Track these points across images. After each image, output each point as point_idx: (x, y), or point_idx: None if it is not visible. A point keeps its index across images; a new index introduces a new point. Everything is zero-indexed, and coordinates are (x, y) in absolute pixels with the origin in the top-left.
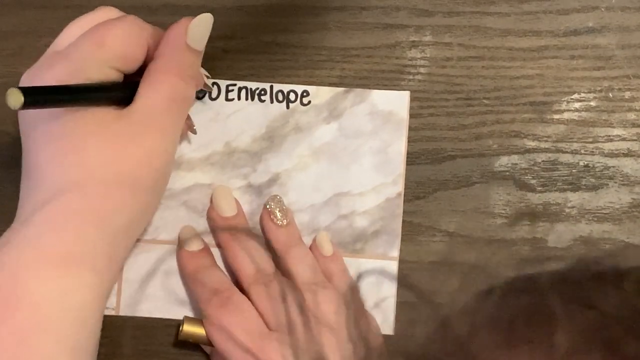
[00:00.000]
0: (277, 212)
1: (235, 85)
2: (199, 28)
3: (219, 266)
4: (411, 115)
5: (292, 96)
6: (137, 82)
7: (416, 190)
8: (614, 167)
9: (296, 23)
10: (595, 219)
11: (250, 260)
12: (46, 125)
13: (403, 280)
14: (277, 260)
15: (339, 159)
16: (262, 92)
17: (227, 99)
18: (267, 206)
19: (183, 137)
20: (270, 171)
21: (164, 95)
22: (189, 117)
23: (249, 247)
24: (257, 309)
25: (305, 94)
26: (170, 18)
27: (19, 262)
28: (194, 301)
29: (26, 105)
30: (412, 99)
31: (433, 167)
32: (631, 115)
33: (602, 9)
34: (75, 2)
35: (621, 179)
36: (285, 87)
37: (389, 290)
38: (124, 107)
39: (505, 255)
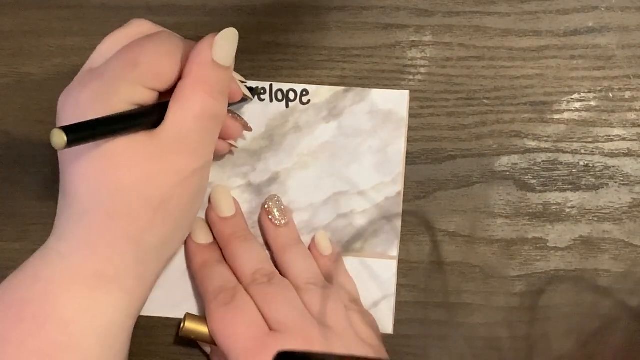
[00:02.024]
0: (275, 212)
1: None
2: (223, 43)
3: (225, 262)
4: (411, 115)
5: (291, 95)
6: (169, 102)
7: (416, 190)
8: (614, 167)
9: (296, 23)
10: (596, 218)
11: (249, 260)
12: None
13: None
14: (275, 260)
15: (338, 158)
16: (262, 91)
17: None
18: (266, 206)
19: (222, 151)
20: (269, 170)
21: (193, 114)
22: (241, 117)
23: (248, 246)
24: (259, 308)
25: (304, 93)
26: (170, 18)
27: (52, 277)
28: (198, 294)
29: (69, 144)
30: (412, 99)
31: (433, 167)
32: (631, 115)
33: (603, 9)
34: (75, 2)
35: (621, 178)
36: (285, 86)
37: (388, 290)
38: (155, 127)
39: (505, 256)
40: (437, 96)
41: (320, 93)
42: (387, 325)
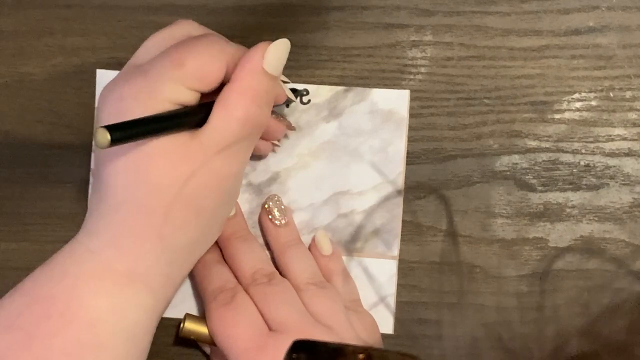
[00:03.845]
0: (275, 211)
1: None
2: (276, 53)
3: (224, 262)
4: (412, 115)
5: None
6: (212, 103)
7: (417, 190)
8: (614, 166)
9: (297, 23)
10: (596, 218)
11: (249, 260)
12: None
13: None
14: (276, 260)
15: (338, 158)
16: (304, 92)
17: None
18: (266, 206)
19: (265, 151)
20: (270, 170)
21: (237, 120)
22: (284, 118)
23: (248, 247)
24: (258, 309)
25: (305, 92)
26: (170, 18)
27: (79, 273)
28: (197, 294)
29: (113, 142)
30: (413, 99)
31: (434, 167)
32: (632, 115)
33: (603, 9)
34: (76, 2)
35: (622, 178)
36: (285, 86)
37: (389, 289)
38: (197, 128)
39: (506, 255)
40: (438, 96)
41: (320, 93)
42: (387, 325)
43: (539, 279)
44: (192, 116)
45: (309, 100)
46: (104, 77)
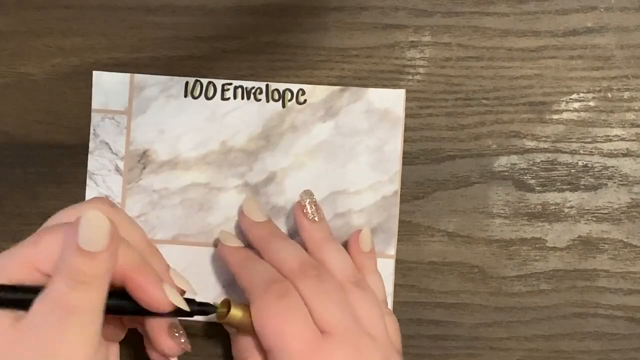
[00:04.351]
0: (310, 207)
1: (231, 84)
2: (87, 228)
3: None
4: (410, 116)
5: (288, 95)
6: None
7: (415, 190)
8: (612, 167)
9: (295, 23)
10: (594, 219)
11: (295, 253)
12: None
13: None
14: (312, 257)
15: (335, 158)
16: (258, 91)
17: (222, 98)
18: (301, 201)
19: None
20: (266, 170)
21: (46, 301)
22: (180, 334)
23: (289, 243)
24: (307, 304)
25: (301, 92)
26: (169, 18)
27: None
28: (241, 291)
29: None
30: (411, 99)
31: (432, 167)
32: (630, 116)
33: (601, 9)
34: (75, 2)
35: (620, 179)
36: (281, 86)
37: (386, 289)
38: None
39: (504, 256)
40: (436, 96)
41: (316, 93)
42: None
43: (537, 279)
44: (19, 294)
45: (305, 100)
46: (100, 78)
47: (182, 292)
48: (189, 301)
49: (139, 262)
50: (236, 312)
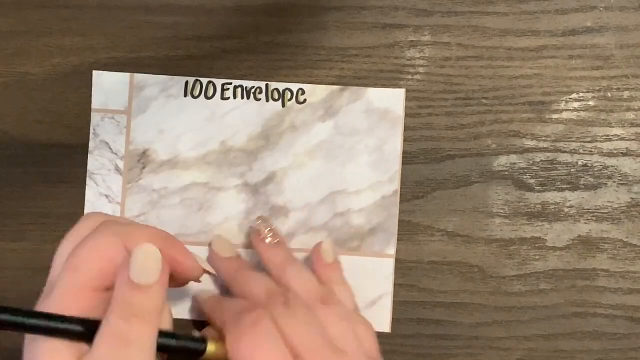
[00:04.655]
0: (266, 231)
1: (231, 84)
2: (141, 261)
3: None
4: (410, 115)
5: (288, 94)
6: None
7: (415, 190)
8: (612, 166)
9: (295, 23)
10: (594, 218)
11: (259, 283)
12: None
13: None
14: (275, 281)
15: (335, 158)
16: (258, 91)
17: (222, 98)
18: (256, 226)
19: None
20: (266, 170)
21: (105, 336)
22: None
23: (253, 274)
24: (279, 331)
25: (301, 92)
26: (169, 18)
27: None
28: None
29: None
30: (411, 99)
31: (432, 167)
32: (630, 115)
33: (601, 9)
34: (75, 2)
35: (620, 178)
36: (281, 86)
37: (386, 288)
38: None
39: (504, 255)
40: (436, 96)
41: (316, 92)
42: (384, 323)
43: (537, 279)
44: (75, 326)
45: (305, 100)
46: (100, 78)
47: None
48: (176, 336)
49: (165, 237)
50: (212, 346)
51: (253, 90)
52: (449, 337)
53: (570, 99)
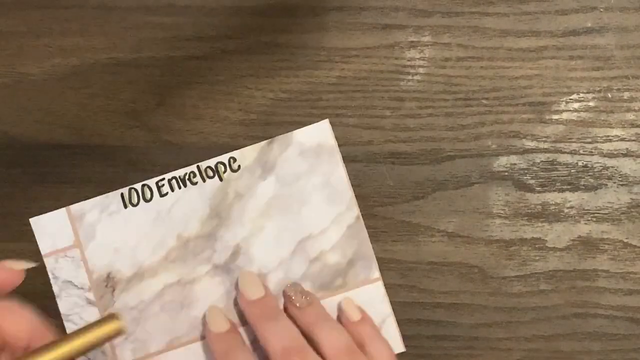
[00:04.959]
0: (296, 296)
1: (163, 179)
2: None
3: (249, 348)
4: (410, 116)
5: (221, 168)
6: None
7: (415, 190)
8: (612, 167)
9: (295, 23)
10: (594, 219)
11: (279, 338)
12: None
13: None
14: (306, 338)
15: (289, 208)
16: (192, 175)
17: (161, 195)
18: (287, 292)
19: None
20: (229, 246)
21: None
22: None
23: (276, 324)
24: None
25: (232, 160)
26: (168, 18)
27: None
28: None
29: None
30: (411, 99)
31: (432, 168)
32: (630, 116)
33: (601, 10)
34: (74, 2)
35: (620, 179)
36: (212, 162)
37: (385, 311)
38: None
39: (504, 256)
40: (436, 96)
41: (246, 155)
42: (396, 344)
43: (537, 279)
44: None
45: (239, 166)
46: (38, 223)
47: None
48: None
49: None
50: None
51: (187, 177)
52: (449, 337)
53: (570, 99)
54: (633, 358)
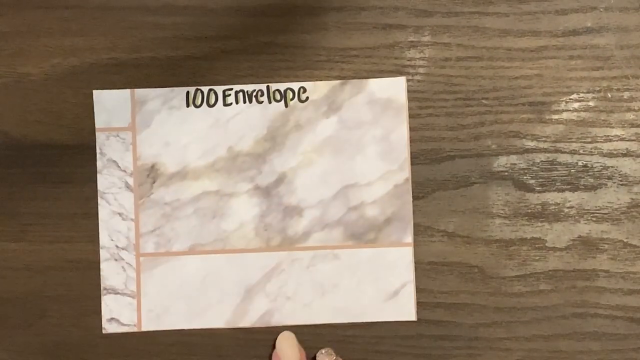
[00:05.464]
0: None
1: (232, 89)
2: None
3: None
4: (410, 116)
5: (289, 94)
6: None
7: (415, 190)
8: (612, 167)
9: (295, 23)
10: (594, 219)
11: None
12: None
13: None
14: None
15: (343, 152)
16: (260, 93)
17: (225, 104)
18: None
19: None
20: (276, 171)
21: None
22: None
23: None
24: None
25: (302, 90)
26: (168, 18)
27: None
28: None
29: None
30: (411, 99)
31: (432, 168)
32: (630, 116)
33: (601, 9)
34: (74, 2)
35: (620, 179)
36: (282, 86)
37: (407, 276)
38: None
39: (503, 256)
40: (436, 96)
41: (317, 89)
42: (410, 312)
43: (537, 279)
44: None
45: (307, 98)
46: (100, 96)
47: None
48: None
49: None
50: None
51: (255, 94)
52: (449, 337)
53: (570, 99)
54: (633, 358)
